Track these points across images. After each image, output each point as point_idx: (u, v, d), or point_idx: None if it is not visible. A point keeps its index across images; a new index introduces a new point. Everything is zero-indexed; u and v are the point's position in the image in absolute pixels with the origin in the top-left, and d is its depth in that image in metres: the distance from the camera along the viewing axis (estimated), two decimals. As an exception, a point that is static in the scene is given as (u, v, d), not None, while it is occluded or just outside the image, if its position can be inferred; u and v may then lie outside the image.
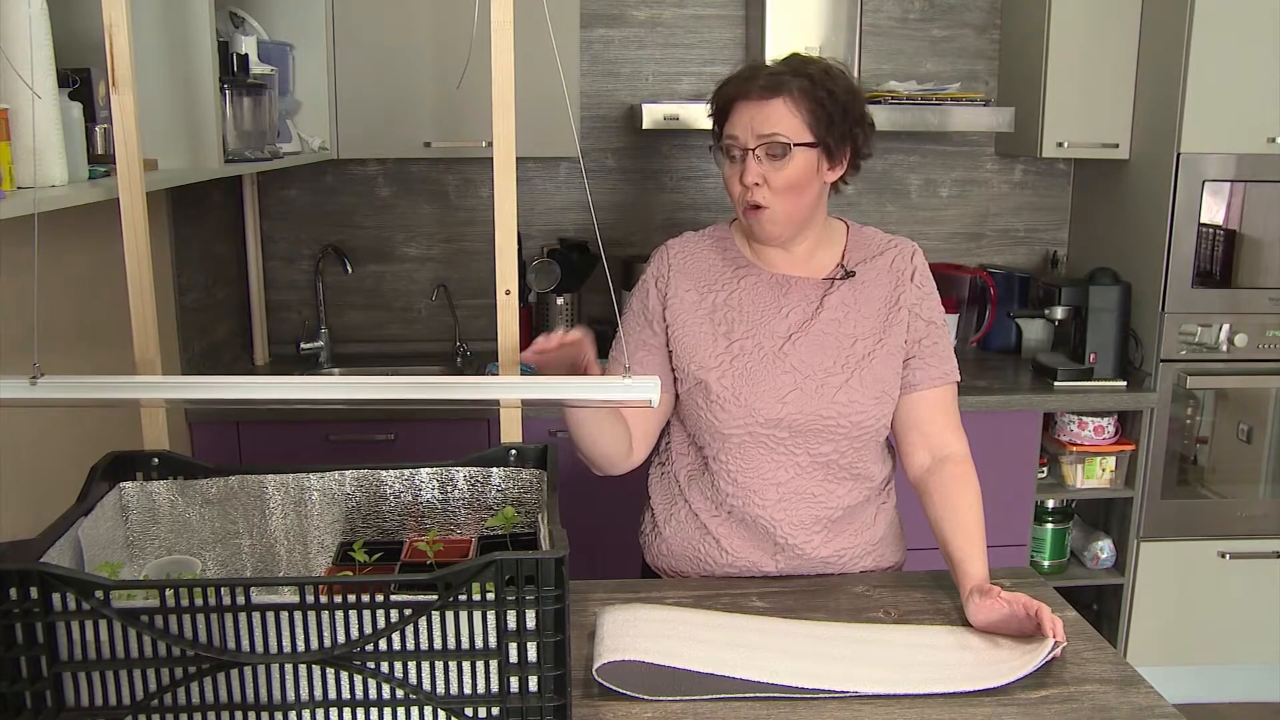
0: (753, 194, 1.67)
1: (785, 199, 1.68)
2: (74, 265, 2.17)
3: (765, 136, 1.65)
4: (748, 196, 1.68)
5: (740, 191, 1.70)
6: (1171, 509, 3.23)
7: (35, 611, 1.11)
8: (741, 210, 1.72)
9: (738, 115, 1.67)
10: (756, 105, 1.66)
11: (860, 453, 1.76)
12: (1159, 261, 3.11)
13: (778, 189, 1.67)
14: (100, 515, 1.38)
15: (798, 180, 1.67)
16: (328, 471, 1.51)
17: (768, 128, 1.65)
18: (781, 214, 1.69)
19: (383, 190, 3.49)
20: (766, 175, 1.66)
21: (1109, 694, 1.41)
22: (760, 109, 1.66)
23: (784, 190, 1.67)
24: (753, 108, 1.66)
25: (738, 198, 1.71)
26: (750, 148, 1.66)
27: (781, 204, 1.68)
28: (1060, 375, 3.16)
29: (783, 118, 1.65)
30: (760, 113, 1.65)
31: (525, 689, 1.18)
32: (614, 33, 3.44)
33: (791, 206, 1.69)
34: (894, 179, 3.61)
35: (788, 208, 1.69)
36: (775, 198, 1.67)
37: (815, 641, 1.51)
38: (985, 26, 3.53)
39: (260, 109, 2.47)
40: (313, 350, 3.40)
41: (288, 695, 1.16)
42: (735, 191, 1.71)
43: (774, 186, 1.67)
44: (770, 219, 1.69)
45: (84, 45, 1.89)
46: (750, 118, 1.66)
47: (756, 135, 1.65)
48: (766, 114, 1.65)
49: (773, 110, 1.65)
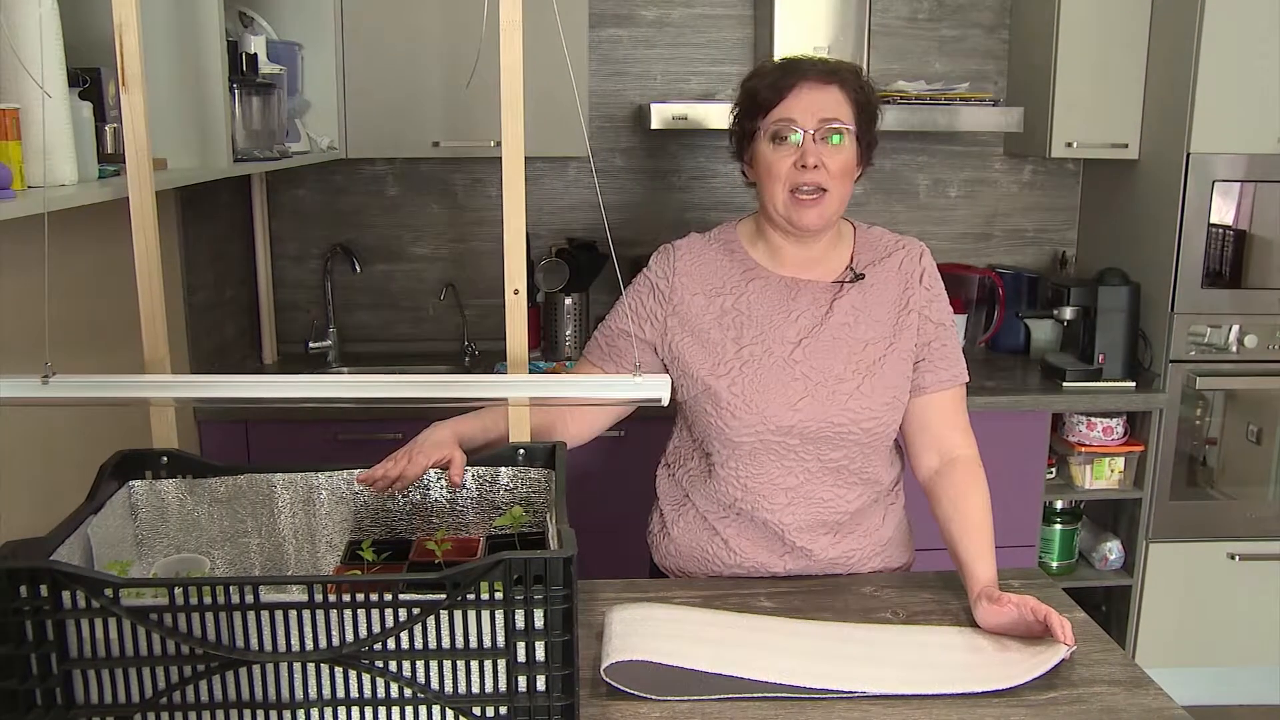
0: (812, 177, 1.65)
1: (840, 184, 1.68)
2: (83, 264, 2.17)
3: (827, 120, 1.65)
4: (804, 179, 1.65)
5: (791, 175, 1.66)
6: (1180, 510, 3.22)
7: (45, 609, 1.11)
8: (786, 198, 1.68)
9: (797, 98, 1.65)
10: (819, 88, 1.65)
11: (870, 457, 1.76)
12: (1168, 262, 3.10)
13: (835, 173, 1.66)
14: (110, 514, 1.38)
15: (850, 168, 1.68)
16: (336, 471, 1.52)
17: (830, 111, 1.65)
18: (836, 199, 1.68)
19: (391, 190, 3.50)
20: (824, 158, 1.65)
21: (1118, 695, 1.40)
22: (822, 92, 1.65)
23: (840, 175, 1.67)
24: (815, 89, 1.65)
25: (784, 182, 1.67)
26: (810, 130, 1.64)
27: (837, 188, 1.67)
28: (1069, 376, 3.15)
29: (841, 104, 1.66)
30: (822, 96, 1.65)
31: (533, 688, 1.18)
32: (623, 32, 3.44)
33: (844, 192, 1.69)
34: (902, 179, 3.60)
35: (842, 193, 1.69)
36: (833, 182, 1.66)
37: (823, 642, 1.51)
38: (994, 26, 3.53)
39: (269, 108, 2.47)
40: (321, 349, 3.40)
41: (296, 694, 1.17)
42: (783, 176, 1.67)
43: (832, 171, 1.66)
44: (826, 203, 1.67)
45: (94, 45, 1.89)
46: (811, 100, 1.65)
47: (819, 118, 1.64)
48: (828, 97, 1.65)
49: (833, 95, 1.66)
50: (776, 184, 1.68)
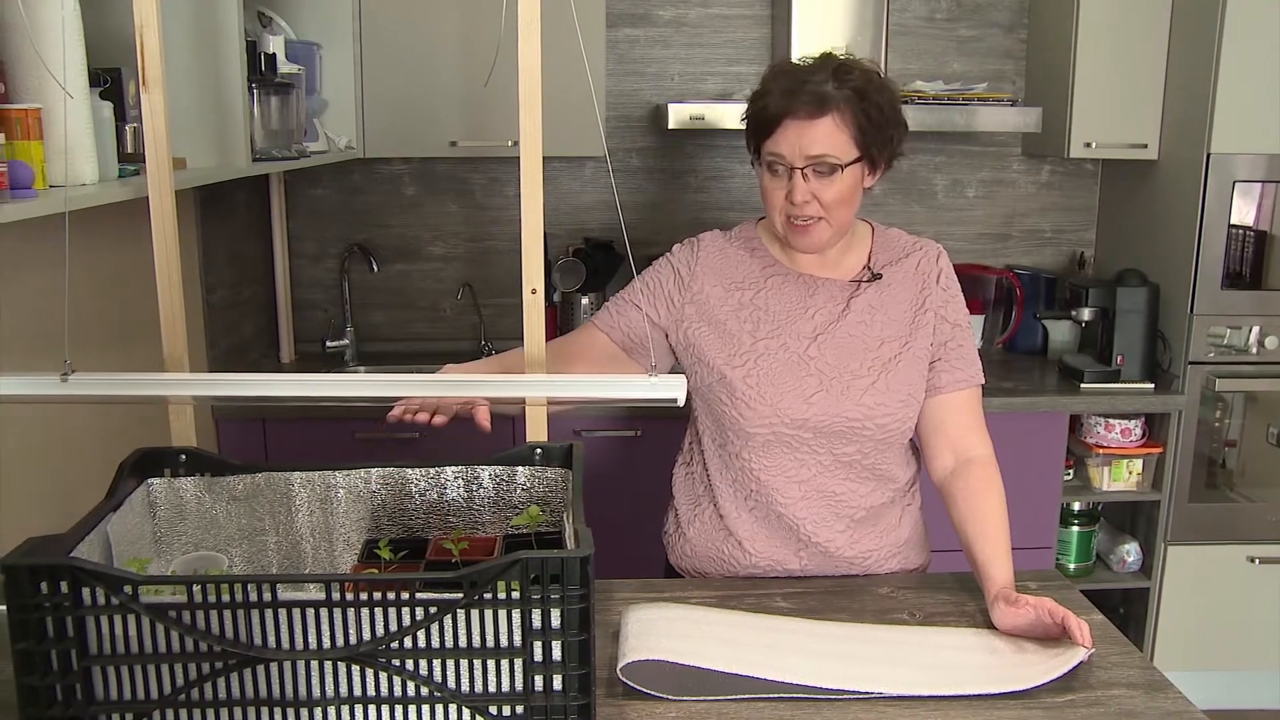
0: (802, 210, 1.65)
1: (835, 212, 1.67)
2: (102, 263, 2.18)
3: (814, 158, 1.63)
4: (793, 211, 1.66)
5: (784, 206, 1.67)
6: (1199, 512, 3.20)
7: (65, 606, 1.12)
8: (783, 222, 1.69)
9: (784, 134, 1.63)
10: (804, 125, 1.62)
11: (884, 454, 1.76)
12: (1188, 263, 3.08)
13: (829, 203, 1.65)
14: (129, 511, 1.39)
15: (847, 194, 1.67)
16: (354, 469, 1.52)
17: (816, 149, 1.62)
18: (833, 226, 1.69)
19: (408, 189, 3.51)
20: (816, 192, 1.65)
21: (1136, 698, 1.40)
22: (808, 129, 1.61)
23: (834, 204, 1.66)
24: (800, 127, 1.62)
25: (779, 210, 1.69)
26: (799, 166, 1.63)
27: (833, 217, 1.67)
28: (1087, 377, 3.13)
29: (830, 136, 1.62)
30: (808, 133, 1.62)
31: (549, 688, 1.18)
32: (639, 32, 3.44)
33: (842, 219, 1.69)
34: (920, 179, 3.59)
35: (839, 220, 1.68)
36: (826, 211, 1.66)
37: (839, 642, 1.51)
38: (1013, 26, 3.51)
39: (287, 108, 2.49)
40: (338, 348, 3.41)
41: (313, 692, 1.17)
42: (778, 205, 1.68)
43: (825, 202, 1.65)
44: (820, 231, 1.68)
45: (114, 45, 1.90)
46: (798, 137, 1.62)
47: (805, 156, 1.62)
48: (814, 134, 1.61)
49: (820, 130, 1.62)
50: (774, 210, 1.70)
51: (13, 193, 1.51)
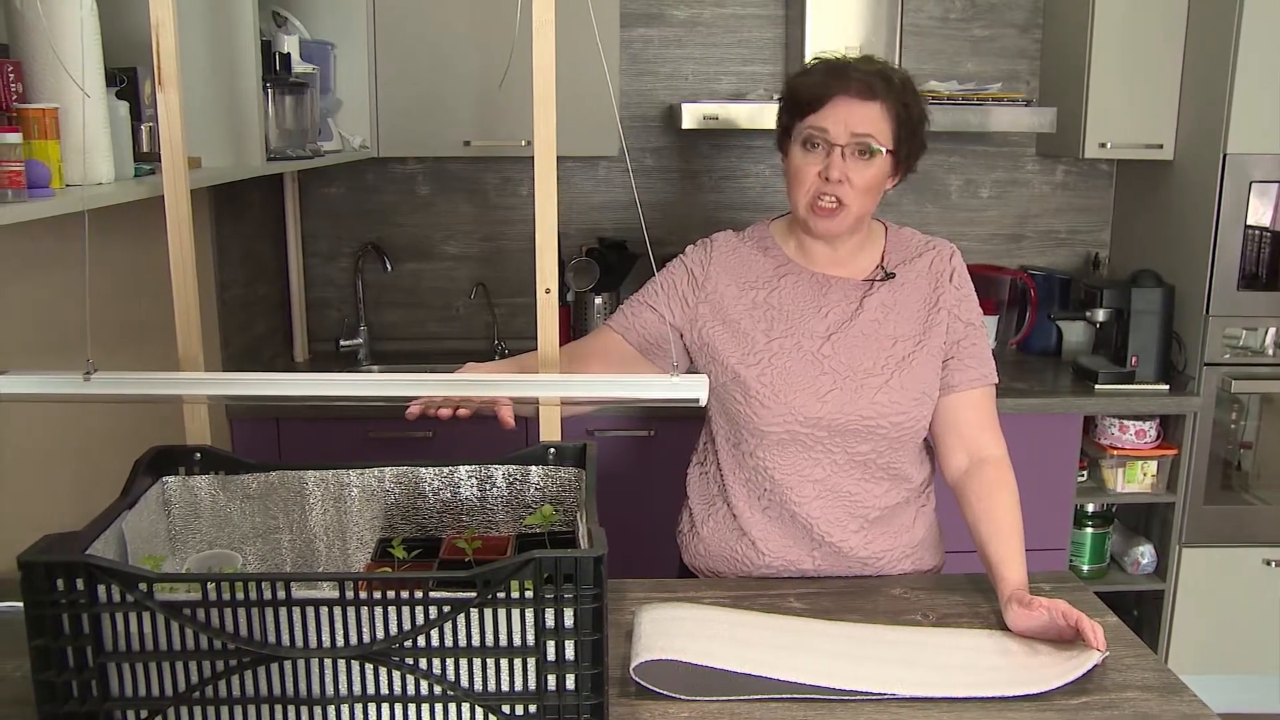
0: (834, 189, 1.66)
1: (862, 199, 1.68)
2: (117, 262, 2.19)
3: (860, 136, 1.65)
4: (825, 189, 1.67)
5: (815, 184, 1.68)
6: (1214, 515, 3.19)
7: (81, 602, 1.12)
8: (808, 203, 1.69)
9: (833, 109, 1.65)
10: (855, 103, 1.65)
11: (898, 453, 1.76)
12: (1203, 264, 3.06)
13: (859, 188, 1.67)
14: (144, 509, 1.40)
15: (876, 183, 1.68)
16: (367, 468, 1.52)
17: (864, 127, 1.65)
18: (855, 212, 1.69)
19: (422, 189, 3.51)
20: (850, 173, 1.66)
21: (1151, 701, 1.39)
22: (858, 107, 1.65)
23: (863, 190, 1.67)
24: (850, 104, 1.65)
25: (807, 188, 1.69)
26: (841, 144, 1.65)
27: (858, 203, 1.68)
28: (1101, 378, 3.12)
29: (877, 121, 1.66)
30: (858, 111, 1.65)
31: (562, 687, 1.18)
32: (653, 32, 3.44)
33: (865, 206, 1.70)
34: (934, 179, 3.59)
35: (863, 207, 1.69)
36: (855, 196, 1.67)
37: (853, 643, 1.51)
38: (1027, 26, 3.50)
39: (302, 107, 2.49)
40: (352, 347, 3.42)
41: (327, 690, 1.17)
42: (807, 182, 1.68)
43: (856, 185, 1.66)
44: (844, 215, 1.68)
45: (130, 45, 1.91)
46: (848, 114, 1.65)
47: (851, 133, 1.64)
48: (865, 113, 1.65)
49: (870, 111, 1.65)
50: (800, 188, 1.70)
51: (30, 192, 1.52)
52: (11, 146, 1.48)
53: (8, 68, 1.56)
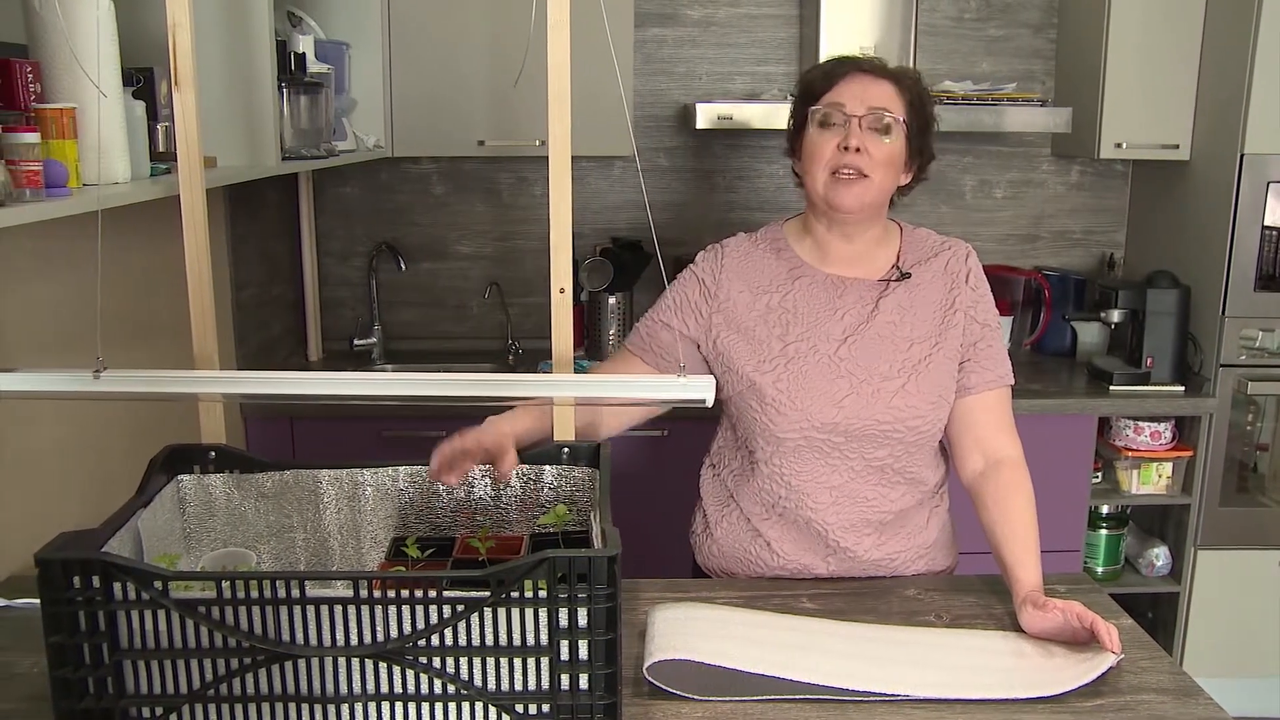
0: (853, 160, 1.65)
1: (883, 173, 1.68)
2: (133, 261, 2.20)
3: (876, 108, 1.66)
4: (845, 160, 1.66)
5: (834, 157, 1.67)
6: (1230, 517, 3.17)
7: (97, 600, 1.13)
8: (827, 178, 1.68)
9: (848, 85, 1.68)
10: (869, 79, 1.69)
11: (914, 457, 1.75)
12: (1220, 264, 3.05)
13: (879, 160, 1.67)
14: (159, 507, 1.40)
15: (895, 158, 1.69)
16: (381, 467, 1.53)
17: (880, 101, 1.67)
18: (876, 186, 1.68)
19: (436, 188, 3.52)
20: (867, 146, 1.66)
21: (1166, 704, 1.38)
22: (874, 83, 1.69)
23: (883, 163, 1.67)
24: (867, 80, 1.69)
25: (826, 161, 1.68)
26: (858, 115, 1.66)
27: (879, 176, 1.67)
28: (1116, 379, 3.11)
29: (893, 97, 1.68)
30: (873, 87, 1.68)
31: (576, 686, 1.18)
32: (668, 32, 3.44)
33: (887, 182, 1.70)
34: (948, 180, 3.58)
35: (884, 183, 1.69)
36: (875, 168, 1.67)
37: (866, 644, 1.50)
38: (1042, 26, 3.49)
39: (317, 107, 2.50)
40: (366, 347, 3.43)
41: (340, 688, 1.18)
42: (826, 155, 1.68)
43: (875, 157, 1.66)
44: (864, 189, 1.67)
45: (147, 44, 1.92)
46: (863, 89, 1.67)
47: (868, 106, 1.66)
48: (879, 90, 1.68)
49: (884, 88, 1.68)
50: (818, 164, 1.69)
51: (47, 191, 1.53)
52: (30, 146, 1.49)
53: (26, 68, 1.57)
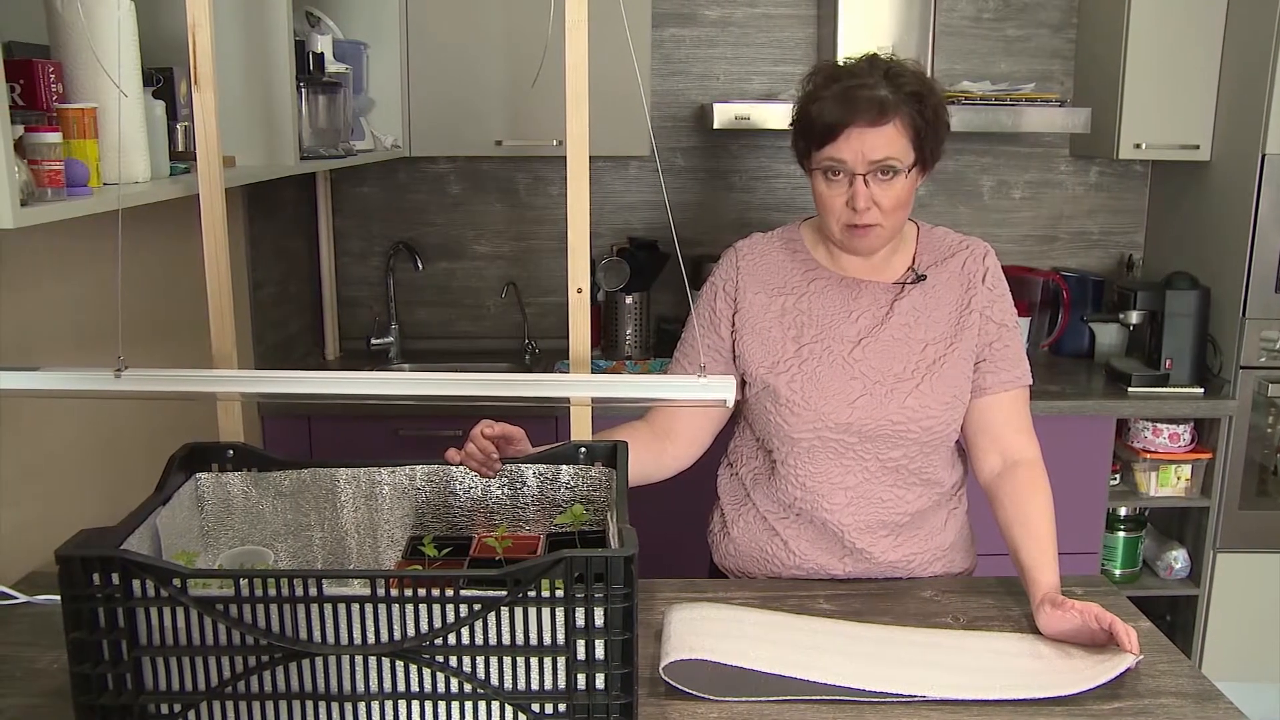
0: (864, 217, 1.64)
1: (893, 216, 1.66)
2: (152, 259, 2.21)
3: (877, 162, 1.61)
4: (855, 219, 1.65)
5: (844, 214, 1.66)
6: (1250, 520, 3.15)
7: (116, 597, 1.13)
8: (840, 228, 1.68)
9: (846, 141, 1.61)
10: (867, 131, 1.60)
11: (930, 458, 1.74)
12: (1240, 266, 3.03)
13: (888, 208, 1.64)
14: (177, 505, 1.41)
15: (904, 198, 1.66)
16: (398, 466, 1.53)
17: (880, 153, 1.61)
18: (889, 229, 1.68)
19: (454, 188, 3.53)
20: (876, 197, 1.63)
21: (1185, 708, 1.38)
22: (870, 135, 1.60)
23: (892, 209, 1.65)
24: (863, 133, 1.60)
25: (837, 216, 1.67)
26: (861, 172, 1.62)
27: (890, 221, 1.66)
28: (1135, 381, 3.09)
29: (893, 141, 1.61)
30: (871, 138, 1.60)
31: (592, 686, 1.18)
32: (685, 32, 3.44)
33: (898, 221, 1.68)
34: (966, 180, 3.56)
35: (895, 223, 1.68)
36: (885, 215, 1.65)
37: (883, 645, 1.50)
38: (1061, 26, 3.48)
39: (335, 107, 2.51)
40: (383, 346, 3.44)
41: (357, 686, 1.18)
42: (836, 211, 1.66)
43: (885, 207, 1.64)
44: (878, 236, 1.67)
45: (166, 44, 1.93)
46: (860, 144, 1.60)
47: (869, 161, 1.61)
48: (877, 140, 1.60)
49: (883, 136, 1.60)
50: (830, 217, 1.68)
51: (69, 190, 1.54)
52: (51, 146, 1.50)
53: (48, 68, 1.58)
